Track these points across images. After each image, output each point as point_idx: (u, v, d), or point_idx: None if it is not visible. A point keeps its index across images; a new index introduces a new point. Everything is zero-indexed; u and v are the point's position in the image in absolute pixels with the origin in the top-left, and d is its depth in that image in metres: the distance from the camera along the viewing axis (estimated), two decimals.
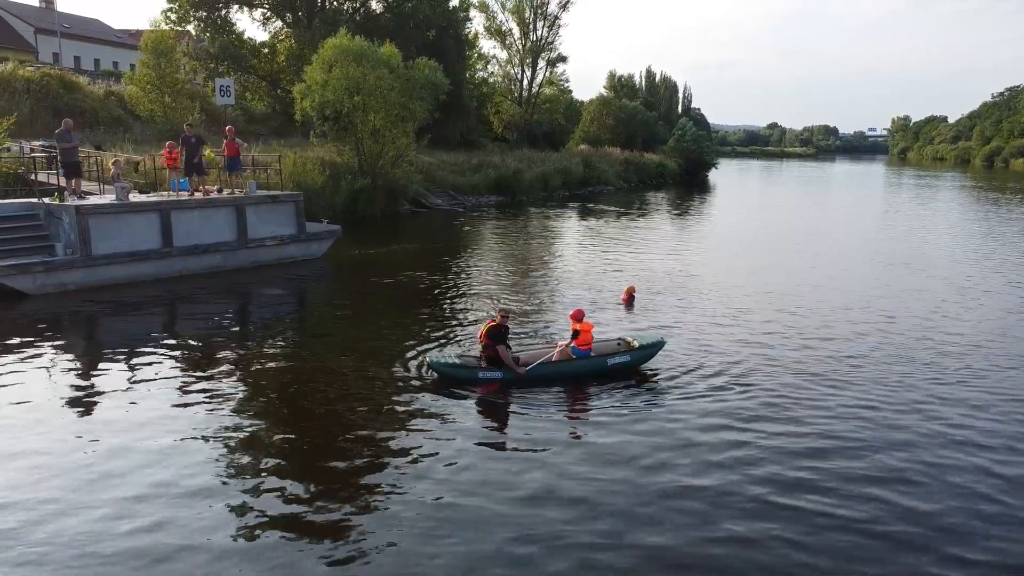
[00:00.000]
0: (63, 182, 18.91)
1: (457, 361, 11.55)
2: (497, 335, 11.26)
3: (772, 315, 16.28)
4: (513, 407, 10.66)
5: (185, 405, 10.40)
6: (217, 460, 8.74)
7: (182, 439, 9.25)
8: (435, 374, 11.49)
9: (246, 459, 8.85)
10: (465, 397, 10.90)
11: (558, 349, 11.86)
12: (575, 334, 11.79)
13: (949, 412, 10.62)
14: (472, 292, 18.38)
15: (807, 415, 10.41)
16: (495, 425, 10.23)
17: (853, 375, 12.14)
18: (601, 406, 10.80)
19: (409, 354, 12.81)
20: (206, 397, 10.75)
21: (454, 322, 15.40)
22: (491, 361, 11.31)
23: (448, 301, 17.46)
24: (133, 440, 9.19)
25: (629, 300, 17.36)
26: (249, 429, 9.72)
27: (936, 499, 8.11)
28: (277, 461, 8.83)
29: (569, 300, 17.10)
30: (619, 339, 12.62)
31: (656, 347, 12.30)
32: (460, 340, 13.71)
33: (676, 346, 13.42)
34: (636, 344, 12.26)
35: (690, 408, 10.58)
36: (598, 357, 11.81)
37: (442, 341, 13.72)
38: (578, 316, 12.03)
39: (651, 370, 12.22)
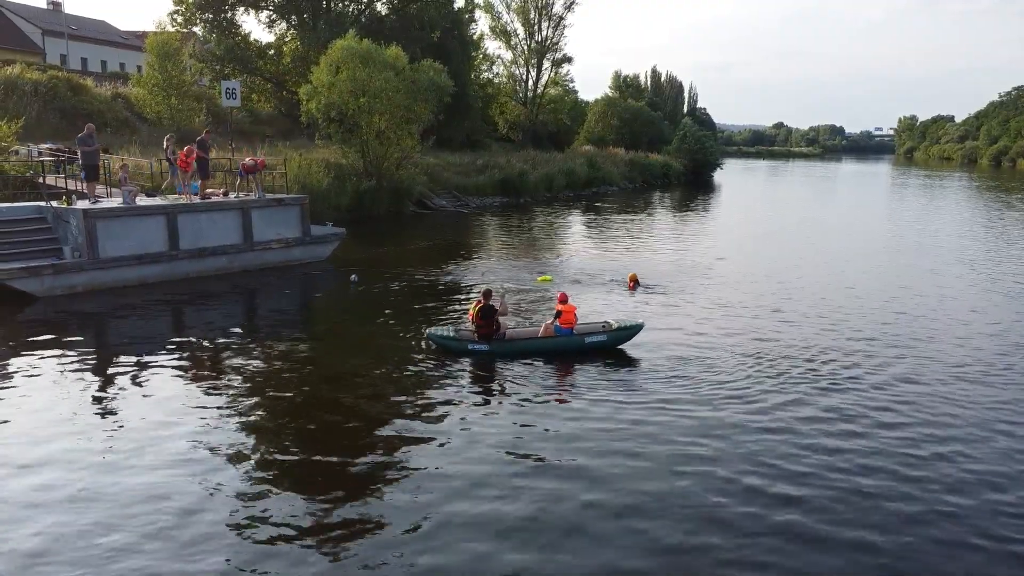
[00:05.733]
0: (82, 185, 19.13)
1: (452, 334, 13.16)
2: (487, 312, 12.75)
3: (774, 306, 17.22)
4: (501, 379, 11.98)
5: (195, 404, 10.55)
6: (228, 455, 8.91)
7: (193, 437, 9.41)
8: (432, 344, 13.22)
9: (256, 452, 9.01)
10: (459, 373, 12.15)
11: (543, 327, 13.33)
12: (557, 314, 13.20)
13: (945, 399, 10.88)
14: (476, 286, 18.56)
15: (785, 401, 10.81)
16: (488, 400, 11.21)
17: (847, 367, 12.27)
18: (583, 382, 11.94)
19: (411, 342, 13.80)
20: (215, 395, 10.90)
21: (458, 314, 15.96)
22: (482, 336, 12.80)
23: (453, 296, 17.83)
24: (143, 438, 9.34)
25: (634, 286, 18.77)
26: (258, 422, 9.90)
27: (928, 489, 8.20)
28: (288, 448, 9.08)
29: (571, 288, 17.91)
30: (604, 322, 13.88)
31: (632, 330, 13.49)
32: (457, 319, 15.40)
33: (675, 331, 14.60)
34: (615, 326, 13.48)
35: (675, 392, 11.35)
36: (577, 336, 13.16)
37: (444, 322, 14.87)
38: (563, 299, 13.49)
39: (645, 354, 13.28)
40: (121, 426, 9.82)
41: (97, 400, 10.84)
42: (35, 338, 13.67)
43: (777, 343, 14.12)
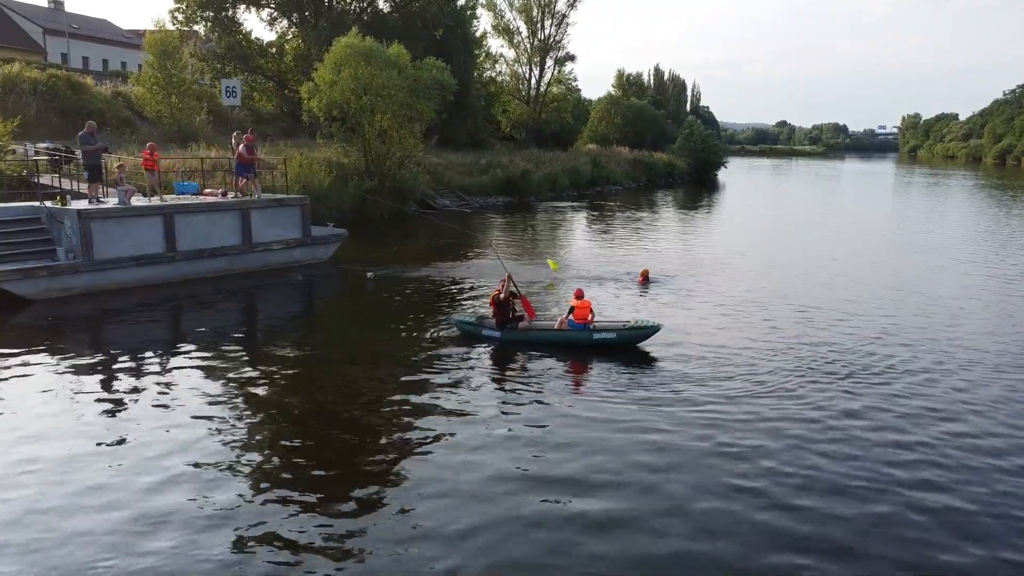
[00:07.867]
0: (84, 187, 18.78)
1: (473, 319, 14.09)
2: (501, 302, 13.61)
3: (789, 301, 17.29)
4: (516, 375, 12.25)
5: (195, 407, 10.30)
6: (228, 456, 8.72)
7: (197, 438, 9.25)
8: (454, 328, 14.12)
9: (264, 446, 8.97)
10: (475, 366, 12.42)
11: (558, 321, 13.86)
12: (571, 309, 13.67)
13: (951, 396, 10.96)
14: (485, 285, 18.35)
15: (797, 401, 10.73)
16: (501, 395, 11.25)
17: (848, 367, 11.94)
18: (601, 378, 12.10)
19: (416, 339, 13.91)
20: (216, 398, 10.65)
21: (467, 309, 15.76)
22: (497, 324, 13.76)
23: (458, 296, 17.54)
24: (139, 442, 9.11)
25: (644, 281, 18.98)
26: (264, 420, 9.82)
27: (938, 488, 8.08)
28: (295, 442, 9.17)
29: (579, 284, 17.80)
30: (624, 321, 14.11)
31: (646, 331, 13.50)
32: (478, 308, 16.06)
33: (693, 326, 14.76)
34: (631, 325, 13.71)
35: (692, 388, 11.34)
36: (587, 331, 13.48)
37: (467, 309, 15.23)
38: (578, 295, 13.91)
39: (661, 349, 13.41)
40: (120, 430, 9.52)
41: (93, 406, 10.44)
42: (28, 343, 13.28)
43: (797, 339, 14.07)
